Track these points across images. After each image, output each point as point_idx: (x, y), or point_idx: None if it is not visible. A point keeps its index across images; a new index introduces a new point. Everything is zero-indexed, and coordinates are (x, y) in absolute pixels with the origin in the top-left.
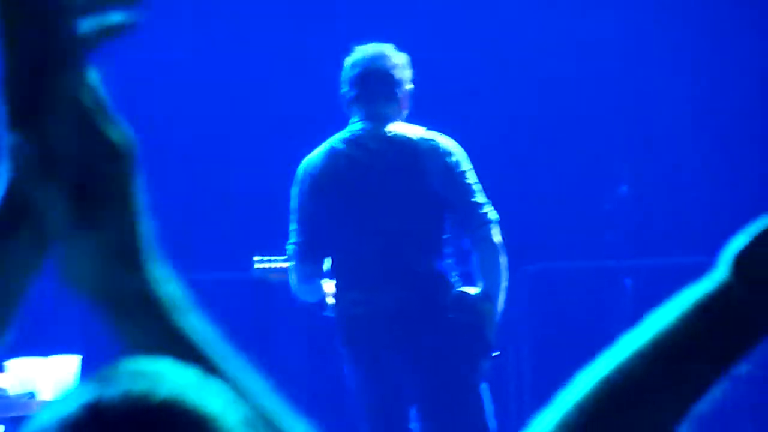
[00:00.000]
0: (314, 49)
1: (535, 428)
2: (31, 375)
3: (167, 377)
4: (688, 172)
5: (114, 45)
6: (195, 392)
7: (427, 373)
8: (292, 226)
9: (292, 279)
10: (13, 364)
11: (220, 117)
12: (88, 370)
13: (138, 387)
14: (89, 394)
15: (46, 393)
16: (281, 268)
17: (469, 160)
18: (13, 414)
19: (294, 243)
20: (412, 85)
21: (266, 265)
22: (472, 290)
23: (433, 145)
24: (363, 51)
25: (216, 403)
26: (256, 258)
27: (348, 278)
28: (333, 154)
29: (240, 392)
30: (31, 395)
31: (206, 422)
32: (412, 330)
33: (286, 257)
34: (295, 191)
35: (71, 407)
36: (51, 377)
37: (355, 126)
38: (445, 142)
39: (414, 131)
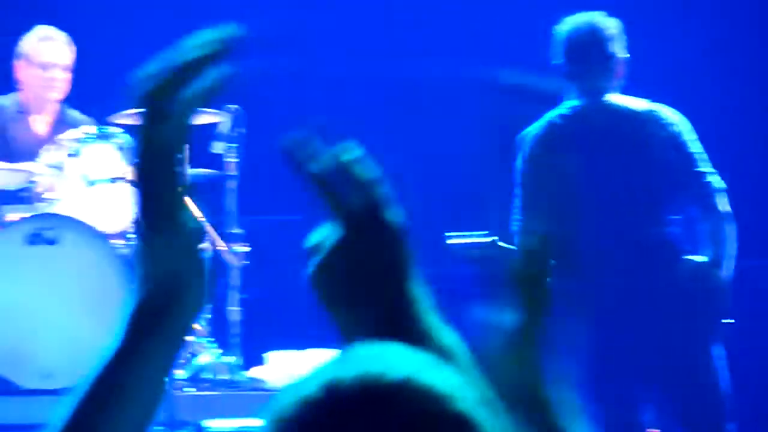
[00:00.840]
0: None
1: None
2: (290, 367)
3: (400, 359)
4: None
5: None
6: (428, 372)
7: (662, 342)
8: (516, 202)
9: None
10: (273, 357)
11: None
12: None
13: (372, 368)
14: (327, 375)
15: None
16: (477, 243)
17: (693, 130)
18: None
19: (519, 219)
20: (626, 54)
21: (461, 241)
22: (701, 259)
23: (656, 116)
24: (574, 22)
25: (449, 383)
26: (449, 234)
27: (575, 253)
28: (556, 128)
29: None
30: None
31: (440, 401)
32: (646, 300)
33: (483, 233)
34: (517, 167)
35: (310, 388)
36: (310, 369)
37: (573, 100)
38: (668, 112)
39: (636, 103)
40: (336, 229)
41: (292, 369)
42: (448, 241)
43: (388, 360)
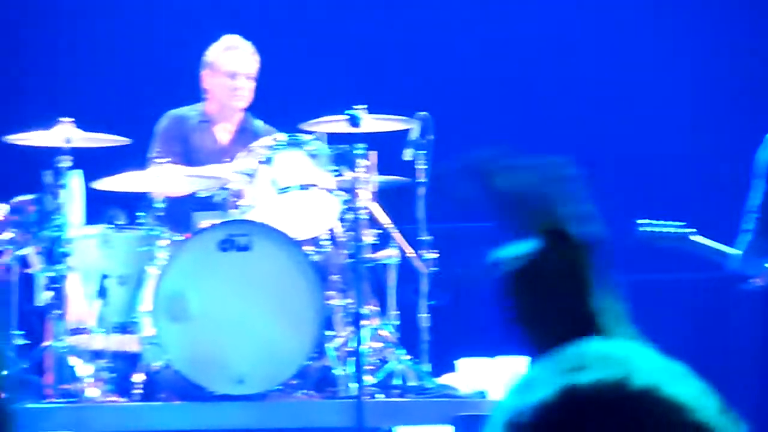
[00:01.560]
0: None
1: None
2: (481, 375)
3: (639, 364)
4: None
5: None
6: (670, 380)
7: None
8: (756, 195)
9: (743, 246)
10: (463, 364)
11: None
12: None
13: (612, 373)
14: (562, 379)
15: (496, 393)
16: (669, 234)
17: None
18: (464, 413)
19: (756, 213)
20: None
21: (654, 229)
22: None
23: None
24: None
25: (691, 393)
26: (641, 221)
27: None
28: None
29: None
30: (482, 395)
31: (683, 412)
32: None
33: (677, 224)
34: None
35: (546, 392)
36: (501, 377)
37: None
38: None
39: None
40: (529, 242)
41: (483, 376)
42: (640, 228)
43: (626, 364)
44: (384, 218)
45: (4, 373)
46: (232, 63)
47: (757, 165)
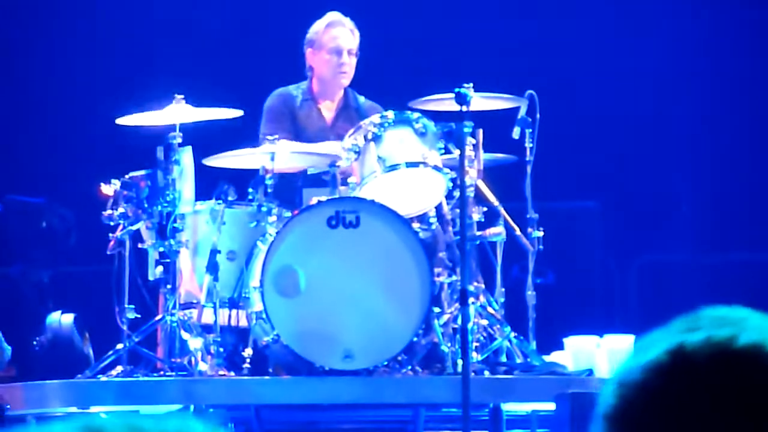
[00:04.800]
0: None
1: None
2: (589, 352)
3: (750, 323)
4: None
5: None
6: None
7: None
8: None
9: None
10: (571, 342)
11: None
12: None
13: (720, 333)
14: (673, 339)
15: (603, 370)
16: None
17: None
18: (572, 390)
19: None
20: None
21: None
22: None
23: None
24: None
25: None
26: None
27: None
28: None
29: None
30: (590, 372)
31: None
32: None
33: None
34: None
35: (656, 352)
36: (608, 355)
37: None
38: None
39: None
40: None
41: (590, 354)
42: None
43: (736, 323)
44: (491, 196)
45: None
46: (333, 40)
47: None
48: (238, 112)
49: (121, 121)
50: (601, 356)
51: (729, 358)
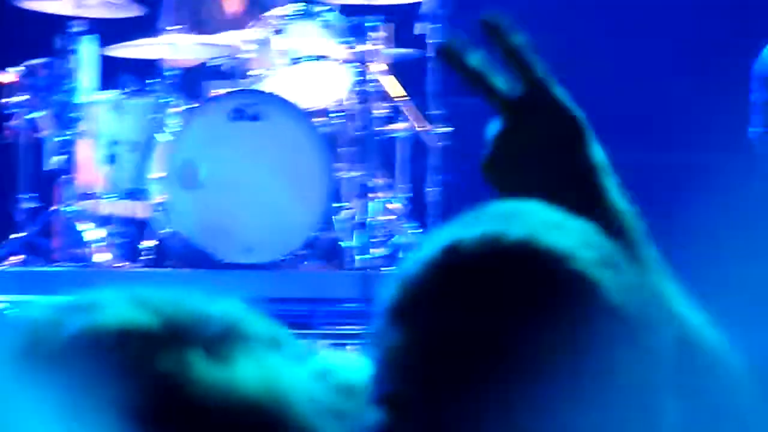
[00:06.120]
0: None
1: None
2: None
3: (523, 217)
4: None
5: None
6: (548, 232)
7: None
8: None
9: None
10: None
11: None
12: None
13: (492, 228)
14: (452, 235)
15: None
16: None
17: None
18: None
19: None
20: None
21: None
22: None
23: None
24: None
25: (569, 243)
26: None
27: None
28: None
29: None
30: None
31: (558, 262)
32: None
33: None
34: None
35: (432, 250)
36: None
37: None
38: None
39: None
40: (498, 120)
41: None
42: None
43: (509, 220)
44: (396, 91)
45: None
46: None
47: None
48: (138, 11)
49: (21, 3)
50: None
51: (498, 253)
